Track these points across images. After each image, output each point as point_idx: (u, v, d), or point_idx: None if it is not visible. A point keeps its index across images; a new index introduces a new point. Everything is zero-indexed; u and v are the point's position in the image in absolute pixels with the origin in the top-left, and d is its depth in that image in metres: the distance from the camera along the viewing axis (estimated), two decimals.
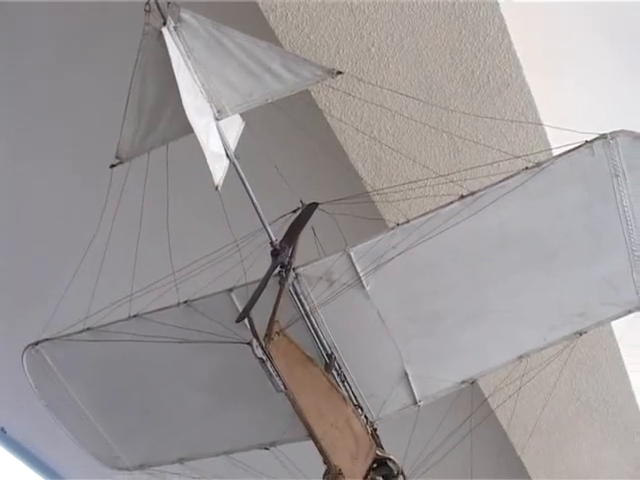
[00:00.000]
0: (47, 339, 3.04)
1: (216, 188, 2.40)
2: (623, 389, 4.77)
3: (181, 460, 3.26)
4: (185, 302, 2.82)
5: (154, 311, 2.87)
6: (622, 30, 3.79)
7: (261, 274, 2.57)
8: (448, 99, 3.46)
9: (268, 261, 2.64)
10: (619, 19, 3.71)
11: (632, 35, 3.82)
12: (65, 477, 5.92)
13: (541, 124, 3.39)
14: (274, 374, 2.38)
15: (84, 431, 3.26)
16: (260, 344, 2.32)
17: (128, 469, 3.40)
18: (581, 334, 2.83)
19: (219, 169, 2.47)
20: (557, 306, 2.77)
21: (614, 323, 4.29)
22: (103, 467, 3.42)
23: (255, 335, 2.32)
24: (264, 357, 2.34)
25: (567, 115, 3.55)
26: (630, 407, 4.92)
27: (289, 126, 3.21)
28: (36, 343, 3.04)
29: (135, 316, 2.90)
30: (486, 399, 3.49)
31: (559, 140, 2.63)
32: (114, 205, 2.83)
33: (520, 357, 2.88)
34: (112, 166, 2.61)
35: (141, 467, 3.37)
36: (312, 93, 3.38)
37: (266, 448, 3.14)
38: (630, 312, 2.80)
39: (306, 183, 3.32)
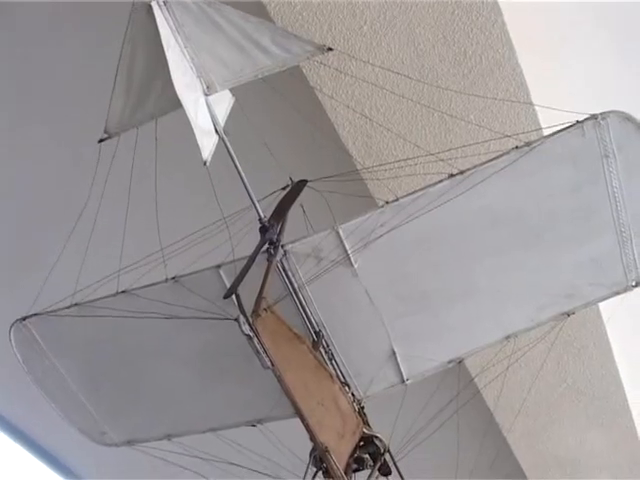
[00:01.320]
0: (35, 314, 3.03)
1: (204, 163, 2.39)
2: (610, 372, 4.80)
3: (168, 437, 3.27)
4: (173, 278, 2.82)
5: (142, 287, 2.87)
6: (615, 13, 3.77)
7: (250, 251, 2.56)
8: (440, 78, 3.44)
9: (257, 238, 2.63)
10: (612, 1, 3.70)
11: (624, 18, 3.81)
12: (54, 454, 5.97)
13: (532, 104, 3.38)
14: (261, 351, 2.38)
15: (71, 407, 3.26)
16: (247, 320, 2.32)
17: (116, 445, 3.41)
18: (569, 315, 2.84)
19: (208, 145, 2.46)
20: (545, 286, 2.77)
21: (601, 306, 4.33)
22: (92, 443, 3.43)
23: (242, 311, 2.32)
24: (251, 334, 2.34)
25: (559, 97, 3.53)
26: (616, 390, 4.94)
27: (280, 103, 3.19)
28: (24, 318, 3.03)
29: (123, 292, 2.90)
30: (473, 379, 3.51)
31: (550, 122, 2.62)
32: (102, 181, 2.81)
33: (507, 337, 2.89)
34: (100, 141, 2.60)
35: (129, 443, 3.38)
36: (303, 70, 3.35)
37: (253, 425, 3.16)
38: (618, 293, 2.80)
39: (296, 160, 3.32)
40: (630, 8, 3.73)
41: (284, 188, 2.84)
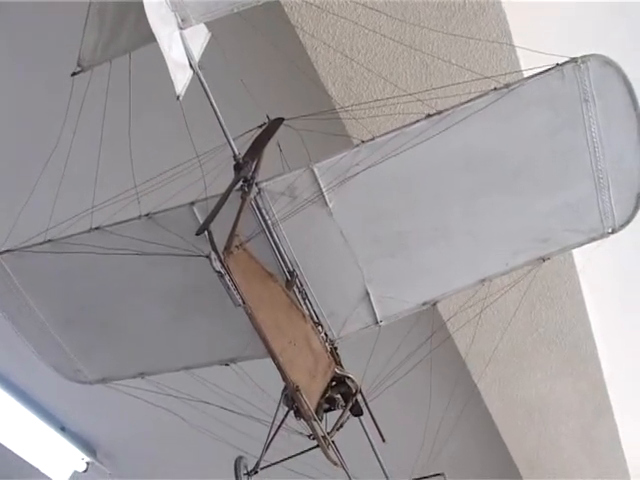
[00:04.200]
0: (7, 250, 3.00)
1: (177, 98, 2.35)
2: (581, 322, 4.87)
3: (142, 375, 3.27)
4: (147, 215, 2.79)
5: (115, 224, 2.84)
6: None
7: (224, 189, 2.54)
8: (423, 21, 3.38)
9: (232, 176, 2.61)
10: None
11: None
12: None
13: (513, 45, 3.34)
14: (232, 288, 2.37)
15: (45, 344, 3.25)
16: (218, 257, 2.30)
17: (89, 383, 3.42)
18: (544, 260, 2.84)
19: (181, 79, 2.42)
20: (520, 230, 2.77)
21: (575, 256, 4.37)
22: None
23: (214, 248, 2.30)
24: (222, 270, 2.33)
25: (543, 46, 3.50)
26: (586, 340, 5.03)
27: (260, 41, 3.14)
28: None
29: (97, 228, 2.87)
30: (447, 320, 3.54)
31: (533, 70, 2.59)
32: (75, 115, 2.76)
33: (482, 281, 2.88)
34: (73, 74, 2.55)
35: (103, 381, 3.39)
36: (285, 8, 3.28)
37: (226, 364, 3.17)
38: (594, 240, 2.79)
39: (274, 99, 3.26)
40: None
41: (261, 126, 2.80)
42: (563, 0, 3.79)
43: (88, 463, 6.95)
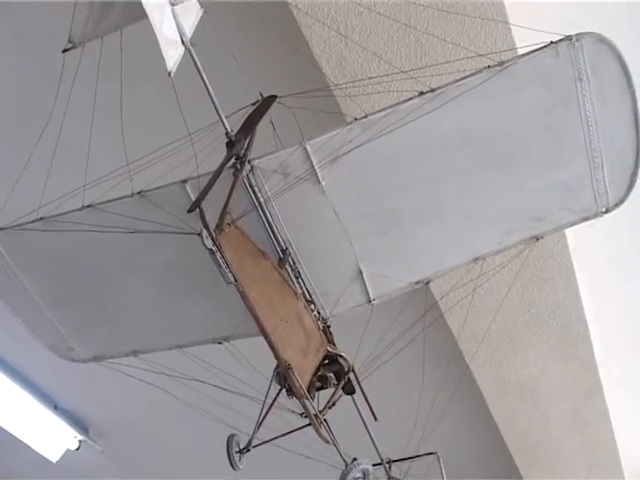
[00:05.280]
0: None
1: (169, 74, 2.33)
2: (573, 303, 4.89)
3: (135, 353, 3.28)
4: (139, 193, 2.78)
5: (108, 201, 2.83)
6: None
7: (217, 167, 2.52)
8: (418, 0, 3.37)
9: (224, 154, 2.59)
10: None
11: None
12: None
13: (508, 23, 3.32)
14: (223, 265, 2.37)
15: (38, 322, 3.25)
16: (210, 234, 2.29)
17: (83, 361, 3.42)
18: (537, 239, 2.84)
19: (173, 55, 2.39)
20: (514, 209, 2.76)
21: (569, 238, 4.38)
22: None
23: (205, 225, 2.29)
24: (213, 248, 2.32)
25: (538, 26, 3.49)
26: (578, 321, 5.05)
27: (253, 19, 3.10)
28: None
29: (89, 206, 2.86)
30: (440, 299, 3.55)
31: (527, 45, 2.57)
32: (67, 92, 2.74)
33: (476, 259, 2.89)
34: (64, 51, 2.53)
35: (95, 359, 3.39)
36: None
37: (219, 342, 3.17)
38: (587, 219, 2.80)
39: (268, 77, 3.24)
40: None
41: (254, 104, 2.78)
42: None
43: (81, 441, 6.97)
